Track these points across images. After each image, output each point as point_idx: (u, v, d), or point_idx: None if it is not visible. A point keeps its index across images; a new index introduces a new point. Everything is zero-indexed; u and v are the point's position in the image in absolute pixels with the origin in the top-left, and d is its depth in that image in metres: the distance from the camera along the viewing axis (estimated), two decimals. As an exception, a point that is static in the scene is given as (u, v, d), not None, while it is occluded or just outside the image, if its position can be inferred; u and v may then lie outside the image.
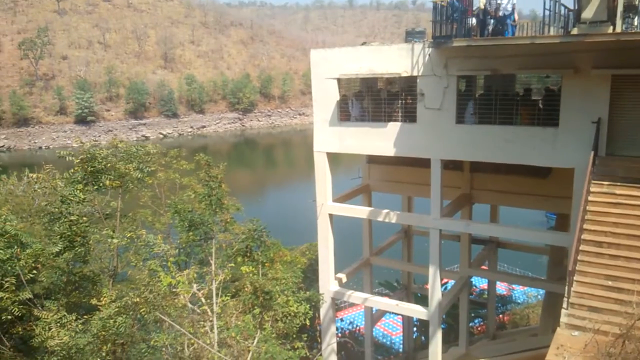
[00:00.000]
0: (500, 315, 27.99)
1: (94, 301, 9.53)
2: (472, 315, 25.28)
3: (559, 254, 19.38)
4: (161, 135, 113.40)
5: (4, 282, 9.71)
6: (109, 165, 11.31)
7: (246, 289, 11.68)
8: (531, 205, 17.66)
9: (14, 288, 9.65)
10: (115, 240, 10.60)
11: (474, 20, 13.10)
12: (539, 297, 30.40)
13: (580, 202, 10.81)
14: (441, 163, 14.54)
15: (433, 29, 13.26)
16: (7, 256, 9.87)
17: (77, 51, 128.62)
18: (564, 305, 9.66)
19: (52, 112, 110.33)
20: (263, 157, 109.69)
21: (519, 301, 31.94)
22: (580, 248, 10.22)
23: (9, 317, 9.72)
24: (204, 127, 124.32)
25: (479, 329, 26.89)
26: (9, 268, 9.95)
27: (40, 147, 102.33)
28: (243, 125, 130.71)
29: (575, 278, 9.84)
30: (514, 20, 13.18)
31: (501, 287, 30.44)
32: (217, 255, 12.22)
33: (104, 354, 8.77)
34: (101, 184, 11.25)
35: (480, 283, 30.10)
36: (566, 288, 9.69)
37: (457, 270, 22.11)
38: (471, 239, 19.47)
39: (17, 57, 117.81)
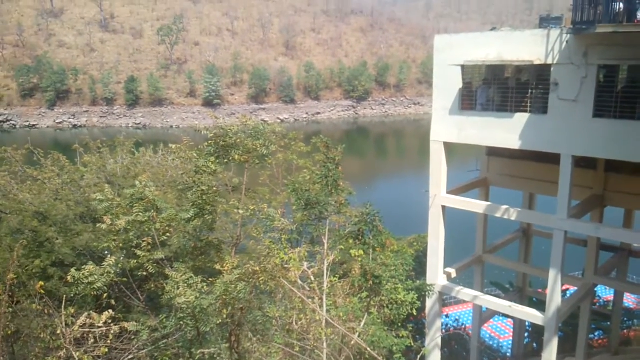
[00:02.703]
0: (626, 330, 25.52)
1: (217, 266, 10.22)
2: (593, 327, 23.36)
3: None
4: (279, 120, 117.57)
5: (141, 242, 10.77)
6: (238, 141, 12.03)
7: (354, 271, 11.82)
8: (675, 213, 15.83)
9: (149, 248, 10.66)
10: (241, 211, 11.26)
11: (620, 5, 11.89)
12: (675, 316, 27.25)
13: None
14: (572, 159, 13.50)
15: (574, 13, 12.32)
16: (145, 219, 10.93)
17: (208, 38, 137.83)
18: None
19: (183, 94, 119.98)
20: (374, 146, 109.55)
21: (649, 317, 28.85)
22: None
23: (144, 273, 10.76)
24: (318, 113, 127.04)
25: (599, 342, 24.82)
26: (146, 230, 11.03)
27: (172, 126, 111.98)
28: (356, 113, 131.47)
29: None
30: (668, 5, 11.76)
31: (629, 301, 27.72)
32: (329, 236, 12.49)
33: (224, 316, 9.39)
34: (230, 158, 12.00)
35: (604, 294, 27.65)
36: None
37: (580, 277, 20.49)
38: (599, 245, 17.91)
39: (155, 43, 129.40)
